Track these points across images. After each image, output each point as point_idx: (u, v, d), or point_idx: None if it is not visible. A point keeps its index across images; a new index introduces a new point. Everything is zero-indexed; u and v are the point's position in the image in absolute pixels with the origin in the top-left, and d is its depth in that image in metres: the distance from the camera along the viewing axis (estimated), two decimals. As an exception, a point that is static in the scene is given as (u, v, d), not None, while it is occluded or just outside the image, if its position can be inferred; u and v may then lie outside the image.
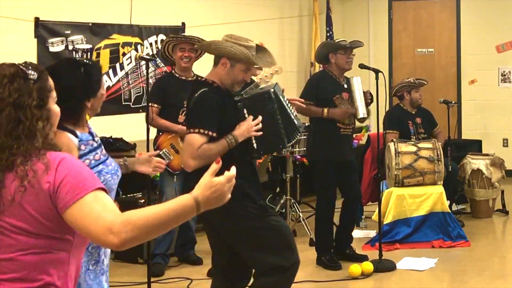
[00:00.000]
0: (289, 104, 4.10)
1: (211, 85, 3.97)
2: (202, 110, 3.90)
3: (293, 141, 4.16)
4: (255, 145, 3.90)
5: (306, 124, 6.01)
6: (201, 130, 3.81)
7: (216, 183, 2.06)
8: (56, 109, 2.18)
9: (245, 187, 3.80)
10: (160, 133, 5.89)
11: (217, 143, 3.81)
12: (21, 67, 2.11)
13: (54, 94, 2.18)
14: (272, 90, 3.98)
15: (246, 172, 3.87)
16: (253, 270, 4.05)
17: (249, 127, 3.87)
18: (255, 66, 4.09)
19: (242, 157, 3.89)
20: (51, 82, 2.17)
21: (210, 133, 3.81)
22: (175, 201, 2.04)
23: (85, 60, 3.16)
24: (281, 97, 4.05)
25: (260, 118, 3.90)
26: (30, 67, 2.12)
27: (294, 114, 4.13)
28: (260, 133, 3.88)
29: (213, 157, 3.42)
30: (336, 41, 6.38)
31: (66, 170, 2.05)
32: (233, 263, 4.03)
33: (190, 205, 2.03)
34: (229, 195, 2.11)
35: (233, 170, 2.12)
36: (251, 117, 3.90)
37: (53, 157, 2.07)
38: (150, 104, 5.56)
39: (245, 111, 3.93)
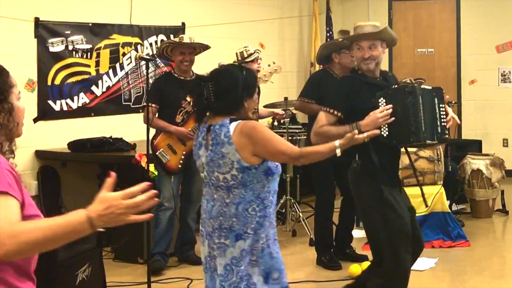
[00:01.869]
0: (442, 110, 4.18)
1: (356, 71, 4.34)
2: (334, 91, 4.35)
3: (431, 143, 4.19)
4: (383, 133, 4.04)
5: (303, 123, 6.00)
6: (328, 109, 4.13)
7: (109, 198, 1.97)
8: (20, 105, 2.25)
9: (370, 167, 4.09)
10: (158, 133, 5.89)
11: (339, 127, 4.08)
12: None
13: (16, 91, 2.24)
14: (417, 86, 4.16)
15: (382, 156, 4.10)
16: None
17: (375, 116, 4.02)
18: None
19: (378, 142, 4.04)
20: (12, 79, 2.23)
21: (335, 112, 4.12)
22: (67, 217, 1.98)
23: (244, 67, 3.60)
24: (434, 99, 4.17)
25: (390, 107, 4.04)
26: None
27: (443, 122, 4.18)
28: (390, 120, 4.01)
29: (331, 138, 3.62)
30: (339, 39, 6.37)
31: None
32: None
33: (81, 222, 1.95)
34: (131, 214, 1.97)
35: (141, 186, 2.01)
36: (382, 108, 4.05)
37: None
38: (149, 104, 5.56)
39: (382, 100, 4.09)
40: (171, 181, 5.83)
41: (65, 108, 6.88)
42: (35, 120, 6.52)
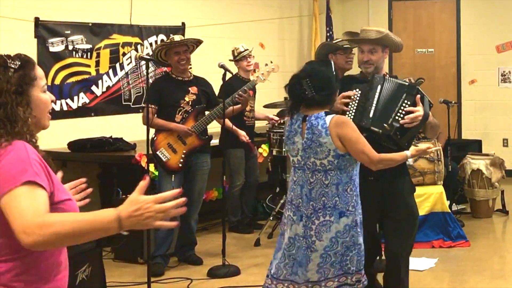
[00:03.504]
0: (404, 107, 4.16)
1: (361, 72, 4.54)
2: None
3: (375, 130, 4.18)
4: (350, 115, 4.17)
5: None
6: None
7: (141, 200, 2.01)
8: (43, 97, 2.26)
9: None
10: (157, 132, 5.89)
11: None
12: (3, 56, 2.21)
13: (41, 83, 2.25)
14: (383, 77, 4.26)
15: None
16: None
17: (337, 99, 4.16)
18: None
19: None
20: (37, 72, 2.25)
21: None
22: (96, 214, 2.01)
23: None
24: (401, 94, 4.19)
25: (351, 92, 4.20)
26: (14, 58, 2.22)
27: (398, 117, 4.15)
28: (346, 101, 4.17)
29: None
30: (335, 41, 6.38)
31: (9, 158, 2.08)
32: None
33: (110, 220, 1.99)
34: (157, 219, 2.02)
35: (174, 192, 2.08)
36: (345, 93, 4.21)
37: (11, 145, 2.11)
38: (149, 105, 5.56)
39: (356, 89, 4.24)
40: (171, 181, 5.82)
41: (65, 108, 6.88)
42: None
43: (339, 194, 3.72)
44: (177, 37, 5.97)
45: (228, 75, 6.05)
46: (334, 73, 3.88)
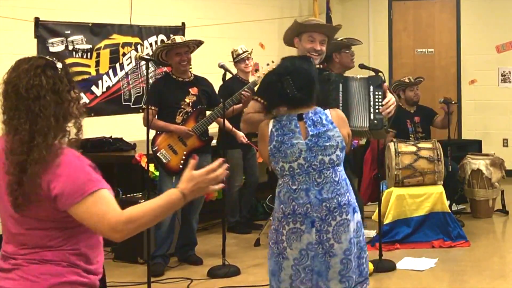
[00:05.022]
0: (378, 98, 4.21)
1: None
2: (262, 81, 4.31)
3: (360, 130, 4.22)
4: None
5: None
6: (256, 98, 4.09)
7: (196, 175, 2.38)
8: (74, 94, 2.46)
9: None
10: (158, 134, 5.89)
11: (260, 113, 3.99)
12: (46, 58, 2.41)
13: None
14: (344, 75, 4.28)
15: None
16: None
17: None
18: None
19: None
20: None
21: (260, 99, 4.02)
22: (165, 197, 2.35)
23: None
24: (368, 88, 4.23)
25: None
26: (54, 59, 2.41)
27: (377, 109, 4.22)
28: None
29: (255, 124, 3.80)
30: (338, 39, 6.39)
31: (68, 170, 2.31)
32: None
33: (178, 198, 2.35)
34: (212, 186, 2.40)
35: (217, 162, 2.42)
36: None
37: (63, 154, 2.33)
38: (149, 107, 5.56)
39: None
40: (172, 182, 5.82)
41: (65, 108, 6.88)
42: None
43: (349, 189, 3.56)
44: (178, 38, 5.97)
45: (228, 75, 6.05)
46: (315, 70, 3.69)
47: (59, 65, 2.38)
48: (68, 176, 2.28)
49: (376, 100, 4.21)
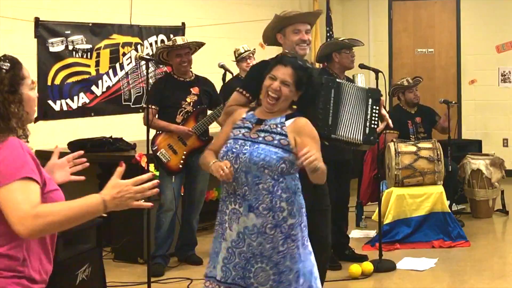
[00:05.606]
0: (375, 113, 4.15)
1: None
2: (247, 74, 4.36)
3: (355, 142, 4.14)
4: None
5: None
6: (240, 90, 4.05)
7: (121, 183, 2.31)
8: (32, 94, 2.48)
9: None
10: (158, 133, 5.89)
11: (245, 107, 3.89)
12: None
13: (28, 81, 2.46)
14: (338, 81, 4.17)
15: None
16: None
17: None
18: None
19: None
20: (25, 71, 2.46)
21: (244, 93, 4.01)
22: (84, 200, 2.27)
23: None
24: (367, 100, 4.15)
25: None
26: (3, 59, 2.44)
27: (373, 125, 4.14)
28: None
29: (236, 116, 3.57)
30: (340, 39, 6.38)
31: (6, 154, 2.28)
32: None
33: (98, 203, 2.27)
34: (135, 199, 2.30)
35: (147, 175, 2.36)
36: None
37: (7, 141, 2.31)
38: (149, 106, 5.56)
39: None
40: (172, 182, 5.82)
41: (65, 108, 6.88)
42: (35, 120, 6.52)
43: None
44: (180, 39, 5.96)
45: (228, 75, 6.05)
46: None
47: (6, 65, 2.41)
48: (5, 158, 2.27)
49: (373, 114, 4.15)
